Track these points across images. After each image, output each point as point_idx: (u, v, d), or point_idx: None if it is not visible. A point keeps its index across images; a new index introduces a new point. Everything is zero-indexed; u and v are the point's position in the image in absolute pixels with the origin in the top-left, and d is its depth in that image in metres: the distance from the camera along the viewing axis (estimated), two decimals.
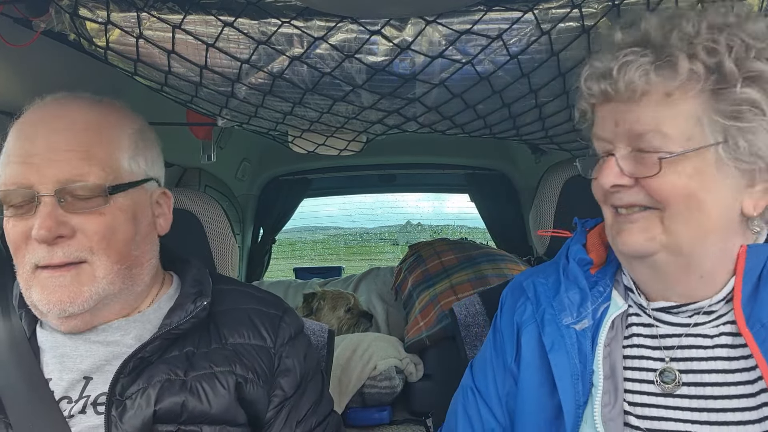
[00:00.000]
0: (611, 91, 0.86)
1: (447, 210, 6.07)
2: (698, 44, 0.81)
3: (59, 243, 0.97)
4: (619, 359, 0.92)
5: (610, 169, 0.87)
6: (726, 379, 0.84)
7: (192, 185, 2.83)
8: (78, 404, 1.00)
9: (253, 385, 1.05)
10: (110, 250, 1.00)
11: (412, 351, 2.53)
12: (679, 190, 0.83)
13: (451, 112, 1.31)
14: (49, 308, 0.99)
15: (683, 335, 0.89)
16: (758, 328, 0.82)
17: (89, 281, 1.00)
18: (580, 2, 1.02)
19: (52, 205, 0.96)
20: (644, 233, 0.87)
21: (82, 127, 1.01)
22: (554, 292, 1.00)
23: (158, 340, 1.03)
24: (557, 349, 0.94)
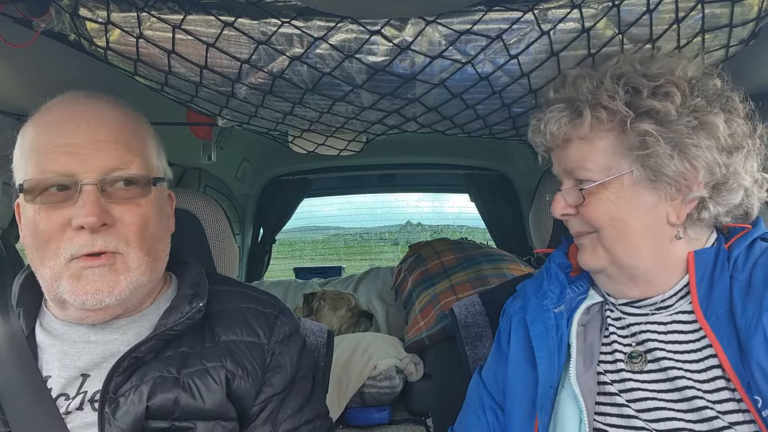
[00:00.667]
0: (545, 141, 1.08)
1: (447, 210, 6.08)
2: (601, 94, 1.00)
3: (101, 232, 0.97)
4: (597, 339, 1.08)
5: (557, 202, 1.08)
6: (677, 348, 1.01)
7: (192, 185, 2.84)
8: (75, 401, 1.00)
9: (241, 381, 1.05)
10: (143, 242, 1.02)
11: (412, 351, 2.53)
12: (603, 214, 1.01)
13: (451, 113, 1.31)
14: (84, 299, 0.98)
15: (643, 323, 1.06)
16: (714, 319, 0.97)
17: (125, 271, 1.00)
18: (580, 2, 1.03)
19: (96, 194, 0.97)
20: (592, 253, 1.05)
21: (119, 122, 1.03)
22: (538, 286, 1.19)
23: (153, 340, 1.03)
24: (537, 323, 1.12)
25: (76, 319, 1.06)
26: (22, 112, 1.38)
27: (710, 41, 1.10)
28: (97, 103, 1.05)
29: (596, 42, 1.08)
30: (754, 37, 1.11)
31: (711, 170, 0.97)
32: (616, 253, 1.02)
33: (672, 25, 1.05)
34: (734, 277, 0.99)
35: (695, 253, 1.02)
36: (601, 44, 1.08)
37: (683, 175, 0.98)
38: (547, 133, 1.06)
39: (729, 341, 0.94)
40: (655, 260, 1.03)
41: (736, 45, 1.11)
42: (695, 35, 1.08)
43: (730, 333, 0.95)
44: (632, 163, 0.99)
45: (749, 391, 0.90)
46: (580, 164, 1.03)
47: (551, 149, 1.10)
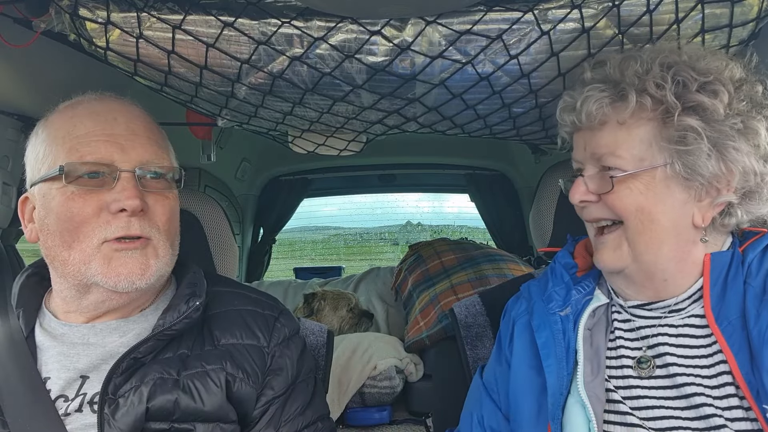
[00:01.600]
0: (577, 121, 1.03)
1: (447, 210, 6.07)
2: (648, 80, 0.96)
3: (138, 216, 1.02)
4: (602, 343, 1.05)
5: (577, 187, 1.03)
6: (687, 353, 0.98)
7: (192, 185, 2.84)
8: (74, 402, 1.00)
9: (242, 384, 1.05)
10: (170, 233, 1.07)
11: (412, 351, 2.53)
12: (631, 204, 0.97)
13: (451, 113, 1.31)
14: (117, 281, 1.01)
15: (656, 325, 1.03)
16: (725, 325, 0.95)
17: (154, 256, 1.04)
18: (580, 2, 1.03)
19: (134, 180, 1.02)
20: (615, 251, 1.01)
21: (148, 121, 1.09)
22: (543, 288, 1.15)
23: (151, 341, 1.03)
24: (543, 329, 1.08)
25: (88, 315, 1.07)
26: (22, 112, 1.38)
27: (710, 41, 1.10)
28: (125, 102, 1.10)
29: (596, 42, 1.08)
30: (754, 37, 1.11)
31: (746, 176, 0.95)
32: (639, 246, 0.98)
33: (672, 25, 1.06)
34: (748, 283, 0.96)
35: (712, 256, 0.99)
36: (601, 44, 1.08)
37: (717, 178, 0.95)
38: (582, 112, 1.00)
39: (740, 348, 0.92)
40: (674, 259, 0.99)
41: (736, 45, 1.11)
42: (695, 35, 1.08)
43: (742, 340, 0.92)
44: (668, 157, 0.96)
45: (758, 400, 0.88)
46: (611, 151, 0.99)
47: (579, 130, 1.05)
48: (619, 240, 1.00)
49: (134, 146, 1.04)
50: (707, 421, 0.91)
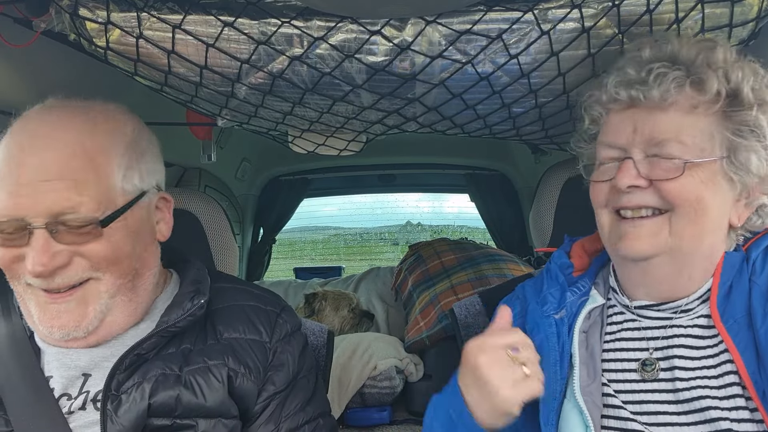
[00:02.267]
0: (642, 97, 0.94)
1: (447, 210, 6.08)
2: (725, 69, 0.93)
3: (56, 272, 0.95)
4: (597, 345, 1.02)
5: (627, 170, 0.94)
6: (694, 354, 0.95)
7: (192, 185, 2.84)
8: (78, 400, 1.00)
9: (243, 379, 1.05)
10: (113, 268, 0.99)
11: (412, 351, 2.53)
12: (692, 193, 0.92)
13: (451, 113, 1.31)
14: (51, 331, 0.98)
15: (666, 327, 0.99)
16: (731, 323, 0.93)
17: (94, 300, 0.99)
18: (580, 2, 1.03)
19: (45, 238, 0.93)
20: (652, 237, 0.95)
21: (70, 153, 0.96)
22: (538, 289, 1.12)
23: (155, 338, 1.03)
24: (537, 332, 1.05)
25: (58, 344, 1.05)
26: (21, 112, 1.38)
27: None
28: (54, 126, 0.98)
29: (596, 42, 1.08)
30: (754, 37, 1.11)
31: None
32: (685, 236, 0.94)
33: (672, 24, 1.05)
34: (753, 281, 0.95)
35: (726, 255, 0.98)
36: (601, 44, 1.08)
37: (762, 179, 0.95)
38: (654, 88, 0.92)
39: (746, 347, 0.90)
40: (707, 256, 0.97)
41: (736, 45, 1.11)
42: (695, 35, 1.08)
43: (748, 339, 0.90)
44: (725, 150, 0.93)
45: (765, 401, 0.86)
46: (675, 136, 0.92)
47: (629, 109, 0.97)
48: (660, 228, 0.94)
49: (42, 196, 0.92)
50: (713, 424, 0.89)
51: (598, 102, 1.01)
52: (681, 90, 0.92)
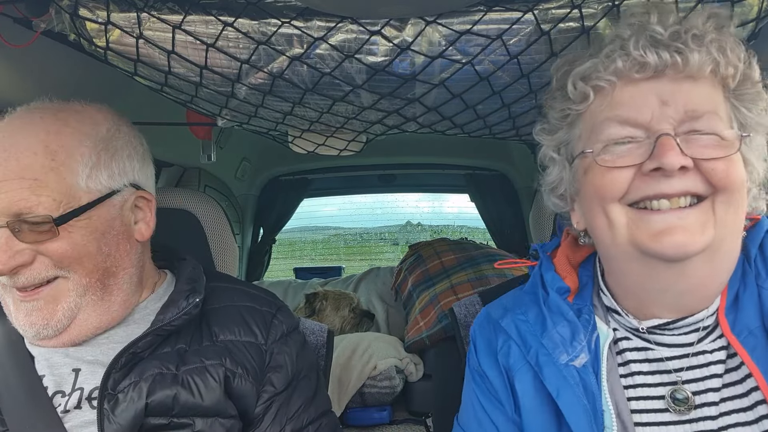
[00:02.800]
0: (680, 62, 0.78)
1: (447, 210, 6.08)
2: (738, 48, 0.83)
3: (20, 271, 0.97)
4: (621, 392, 0.85)
5: (673, 149, 0.76)
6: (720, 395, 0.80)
7: (192, 185, 2.84)
8: (72, 398, 1.00)
9: (241, 380, 1.05)
10: (76, 266, 1.00)
11: (412, 351, 2.53)
12: (741, 175, 0.79)
13: (451, 113, 1.31)
14: (24, 329, 1.00)
15: (690, 355, 0.82)
16: (746, 335, 0.78)
17: (63, 297, 1.00)
18: (580, 2, 1.02)
19: (6, 237, 0.95)
20: (702, 229, 0.78)
21: (31, 153, 0.97)
22: (541, 329, 0.91)
23: (150, 336, 1.03)
24: (564, 391, 0.84)
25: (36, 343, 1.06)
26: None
27: None
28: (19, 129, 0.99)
29: (596, 42, 1.08)
30: (754, 37, 1.11)
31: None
32: (728, 228, 0.79)
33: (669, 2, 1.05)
34: (761, 285, 0.81)
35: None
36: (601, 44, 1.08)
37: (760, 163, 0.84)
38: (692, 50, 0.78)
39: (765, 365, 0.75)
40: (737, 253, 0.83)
41: None
42: None
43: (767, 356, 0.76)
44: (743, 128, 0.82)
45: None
46: (714, 108, 0.79)
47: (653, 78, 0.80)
48: (707, 218, 0.78)
49: (2, 195, 0.94)
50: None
51: (606, 70, 0.83)
52: (725, 56, 0.79)
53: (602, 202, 0.83)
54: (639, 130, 0.80)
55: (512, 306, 0.98)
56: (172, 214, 1.38)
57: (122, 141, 1.08)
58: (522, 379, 0.90)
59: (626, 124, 0.81)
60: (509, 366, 0.92)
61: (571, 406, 0.82)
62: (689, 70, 0.79)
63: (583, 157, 0.86)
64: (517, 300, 0.98)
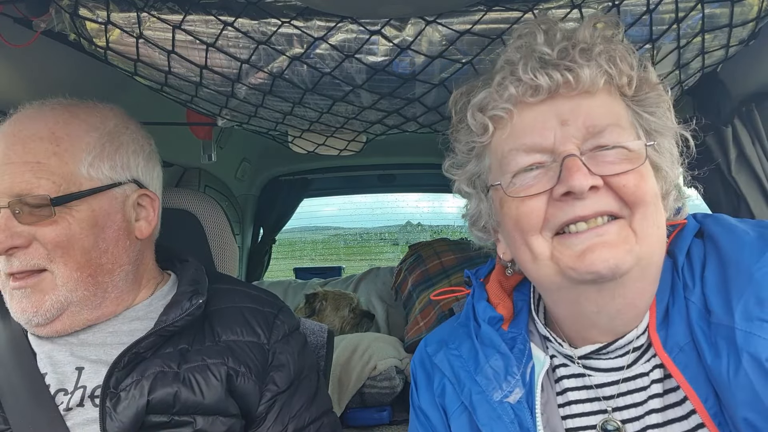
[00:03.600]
0: (572, 80, 0.76)
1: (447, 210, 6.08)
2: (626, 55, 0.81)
3: (15, 253, 0.99)
4: (558, 422, 0.81)
5: (580, 170, 0.73)
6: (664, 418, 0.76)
7: (192, 185, 2.83)
8: (75, 396, 1.01)
9: (244, 378, 1.06)
10: (67, 258, 1.01)
11: (412, 351, 2.53)
12: (653, 186, 0.77)
13: None
14: (17, 317, 1.02)
15: (620, 381, 0.79)
16: (677, 353, 0.74)
17: (51, 289, 1.01)
18: (580, 2, 1.02)
19: (6, 217, 0.98)
20: (625, 243, 0.75)
21: (37, 138, 1.00)
22: (474, 364, 0.87)
23: (153, 337, 1.04)
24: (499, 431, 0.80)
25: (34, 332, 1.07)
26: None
27: (710, 41, 1.10)
28: (31, 118, 1.03)
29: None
30: (754, 37, 1.11)
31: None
32: (651, 240, 0.76)
33: (672, 25, 1.05)
34: (687, 297, 0.76)
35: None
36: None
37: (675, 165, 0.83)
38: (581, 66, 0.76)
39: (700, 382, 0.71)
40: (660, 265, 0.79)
41: (736, 45, 1.11)
42: (695, 35, 1.08)
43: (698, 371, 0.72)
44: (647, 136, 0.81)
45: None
46: (615, 120, 0.77)
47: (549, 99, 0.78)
48: (627, 233, 0.75)
49: (6, 176, 0.98)
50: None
51: (501, 98, 0.80)
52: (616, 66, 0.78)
53: (523, 235, 0.79)
54: (544, 155, 0.78)
55: (447, 339, 0.94)
56: (172, 214, 1.38)
57: (128, 137, 1.11)
58: (458, 420, 0.86)
59: (531, 151, 0.79)
60: (445, 405, 0.89)
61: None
62: (582, 86, 0.77)
63: (496, 190, 0.84)
64: (452, 332, 0.94)
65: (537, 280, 0.82)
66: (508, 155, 0.80)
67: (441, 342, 0.95)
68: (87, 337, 1.07)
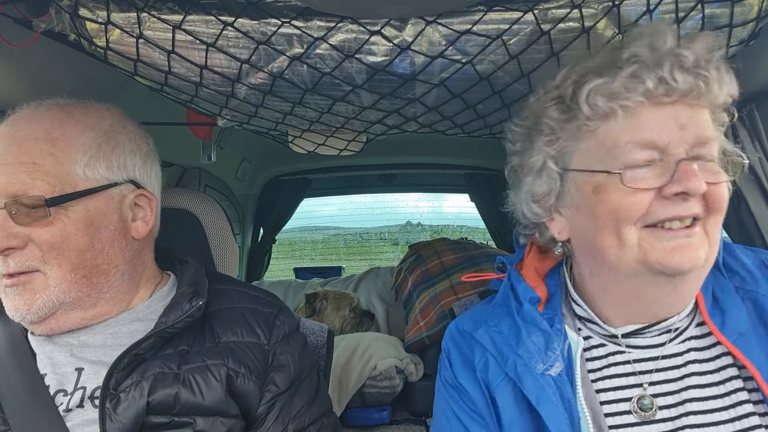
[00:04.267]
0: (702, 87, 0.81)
1: (447, 210, 6.08)
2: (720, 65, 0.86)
3: (11, 254, 0.99)
4: (594, 397, 0.88)
5: (696, 175, 0.79)
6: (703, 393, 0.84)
7: (192, 185, 2.83)
8: (74, 397, 1.01)
9: (244, 379, 1.06)
10: (61, 259, 1.01)
11: (412, 351, 2.53)
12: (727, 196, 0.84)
13: (451, 112, 1.31)
14: (12, 315, 1.02)
15: (659, 357, 0.87)
16: (736, 337, 0.82)
17: (43, 289, 1.01)
18: (580, 2, 1.02)
19: (2, 218, 0.98)
20: (702, 246, 0.83)
21: (33, 138, 1.00)
22: (515, 340, 0.93)
23: (153, 338, 1.03)
24: (544, 401, 0.86)
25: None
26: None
27: None
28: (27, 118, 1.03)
29: (596, 42, 1.08)
30: (754, 37, 1.11)
31: None
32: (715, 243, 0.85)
33: (672, 25, 1.05)
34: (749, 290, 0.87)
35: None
36: (601, 44, 1.08)
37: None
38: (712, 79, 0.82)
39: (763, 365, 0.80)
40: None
41: (736, 45, 1.11)
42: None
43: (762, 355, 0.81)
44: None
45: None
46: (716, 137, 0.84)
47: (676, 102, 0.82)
48: (703, 235, 0.83)
49: (2, 177, 0.98)
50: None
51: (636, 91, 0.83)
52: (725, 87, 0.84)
53: (617, 223, 0.84)
54: (655, 152, 0.83)
55: (485, 318, 0.99)
56: (172, 214, 1.38)
57: (125, 137, 1.10)
58: (502, 391, 0.91)
59: (647, 147, 0.83)
60: (488, 380, 0.93)
61: (551, 414, 0.85)
62: (705, 97, 0.82)
63: (593, 175, 0.86)
64: (488, 313, 1.00)
65: (613, 265, 0.86)
66: (623, 146, 0.83)
67: (478, 321, 0.99)
68: (87, 338, 1.07)
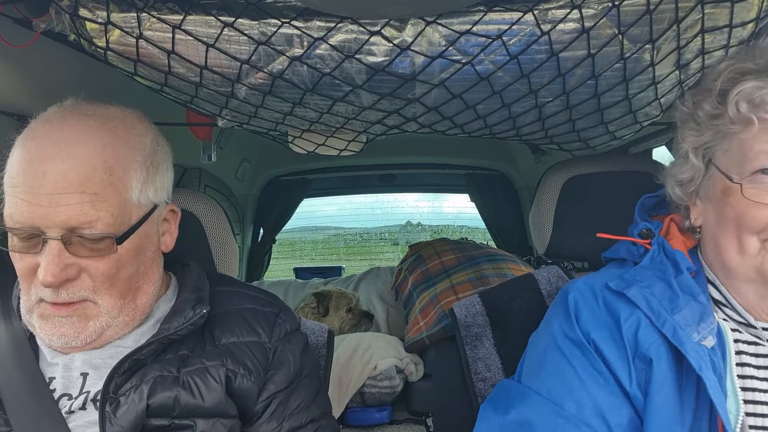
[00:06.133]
0: None
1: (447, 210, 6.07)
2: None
3: (65, 285, 0.96)
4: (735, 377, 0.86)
5: None
6: None
7: (192, 185, 2.84)
8: (78, 400, 1.01)
9: (243, 379, 1.06)
10: (113, 289, 1.00)
11: (412, 351, 2.53)
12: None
13: (451, 113, 1.31)
14: (51, 339, 1.00)
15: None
16: None
17: (95, 316, 1.00)
18: (580, 3, 1.02)
19: (59, 249, 0.94)
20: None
21: (91, 166, 0.95)
22: (670, 305, 0.89)
23: (154, 344, 1.04)
24: (706, 367, 0.83)
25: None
26: (21, 112, 1.38)
27: (710, 41, 1.10)
28: (77, 135, 0.97)
29: (596, 42, 1.08)
30: (754, 37, 1.11)
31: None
32: None
33: (672, 25, 1.05)
34: None
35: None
36: (601, 44, 1.08)
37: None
38: None
39: None
40: None
41: (736, 45, 1.11)
42: (695, 35, 1.08)
43: None
44: None
45: None
46: None
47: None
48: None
49: (59, 209, 0.92)
50: None
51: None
52: None
53: (739, 230, 0.85)
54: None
55: (634, 278, 0.94)
56: None
57: (162, 154, 1.08)
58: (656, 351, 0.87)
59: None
60: (637, 339, 0.89)
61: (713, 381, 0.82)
62: None
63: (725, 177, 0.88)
64: (636, 275, 0.95)
65: (732, 269, 0.88)
66: (758, 155, 0.84)
67: (628, 280, 0.94)
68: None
